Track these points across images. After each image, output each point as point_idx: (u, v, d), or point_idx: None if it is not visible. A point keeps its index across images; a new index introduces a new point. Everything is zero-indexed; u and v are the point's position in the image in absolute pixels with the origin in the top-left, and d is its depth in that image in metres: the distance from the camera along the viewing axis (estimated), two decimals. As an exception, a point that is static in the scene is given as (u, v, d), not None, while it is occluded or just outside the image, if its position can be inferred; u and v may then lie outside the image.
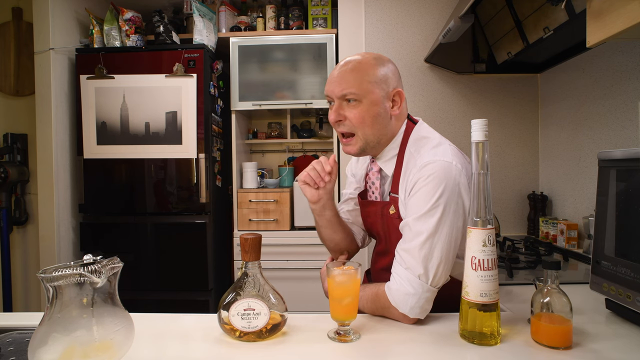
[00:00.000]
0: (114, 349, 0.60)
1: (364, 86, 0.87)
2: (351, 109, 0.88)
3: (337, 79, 0.89)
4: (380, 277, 0.95)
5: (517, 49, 1.73)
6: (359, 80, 0.87)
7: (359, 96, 0.87)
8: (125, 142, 2.10)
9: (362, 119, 0.88)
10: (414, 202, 0.82)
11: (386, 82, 0.89)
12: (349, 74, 0.88)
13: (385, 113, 0.90)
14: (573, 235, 1.64)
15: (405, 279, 0.80)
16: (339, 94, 0.88)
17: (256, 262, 0.78)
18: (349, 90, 0.87)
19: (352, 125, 0.89)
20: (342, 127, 0.91)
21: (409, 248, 0.80)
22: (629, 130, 1.44)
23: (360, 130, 0.89)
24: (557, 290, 0.70)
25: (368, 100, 0.87)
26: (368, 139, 0.90)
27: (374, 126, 0.89)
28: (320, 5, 2.35)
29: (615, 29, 0.89)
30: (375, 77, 0.88)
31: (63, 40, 2.17)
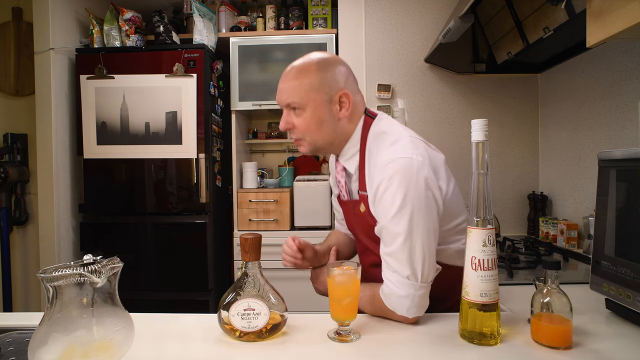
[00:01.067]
0: (114, 349, 0.60)
1: (304, 94, 0.87)
2: (297, 117, 0.90)
3: (281, 87, 0.90)
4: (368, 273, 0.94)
5: (517, 49, 1.73)
6: (298, 89, 0.87)
7: (301, 105, 0.88)
8: (125, 142, 2.10)
9: (307, 127, 0.89)
10: (382, 204, 0.81)
11: (329, 86, 0.88)
12: (291, 82, 0.88)
13: (332, 117, 0.89)
14: (573, 235, 1.64)
15: (397, 283, 0.80)
16: (284, 103, 0.90)
17: (256, 262, 0.78)
18: (292, 100, 0.88)
19: (300, 133, 0.91)
20: (292, 135, 0.93)
21: (391, 252, 0.80)
22: (629, 130, 1.44)
23: (307, 136, 0.90)
24: (557, 290, 0.70)
25: (311, 107, 0.88)
26: (317, 143, 0.92)
27: (321, 131, 0.90)
28: (320, 5, 2.35)
29: (615, 29, 0.89)
30: (316, 83, 0.87)
31: (63, 40, 2.17)
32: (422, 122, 2.15)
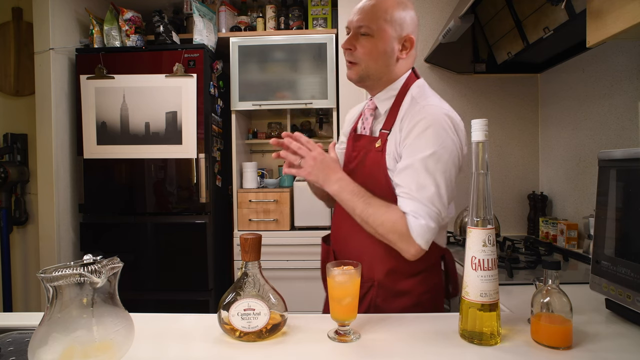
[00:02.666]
0: (114, 349, 0.60)
1: (379, 23, 0.92)
2: (362, 42, 0.94)
3: (358, 11, 0.95)
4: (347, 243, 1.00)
5: (517, 49, 1.73)
6: (375, 16, 0.93)
7: (372, 31, 0.93)
8: (125, 142, 2.10)
9: (369, 52, 0.94)
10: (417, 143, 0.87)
11: (401, 25, 0.94)
12: (369, 8, 0.94)
13: (392, 53, 0.95)
14: (573, 235, 1.64)
15: (423, 219, 0.85)
16: (355, 25, 0.95)
17: (256, 262, 0.78)
18: (365, 23, 0.93)
19: (359, 57, 0.95)
20: (349, 57, 0.97)
21: (424, 190, 0.85)
22: (629, 130, 1.44)
23: (365, 61, 0.95)
24: (557, 290, 0.70)
25: (379, 37, 0.93)
26: (369, 71, 0.96)
27: (378, 61, 0.95)
28: (320, 5, 2.35)
29: (615, 29, 0.89)
30: (392, 18, 0.93)
31: (63, 40, 2.17)
32: (422, 122, 2.15)
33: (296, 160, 0.94)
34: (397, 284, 0.96)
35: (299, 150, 0.93)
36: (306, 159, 0.92)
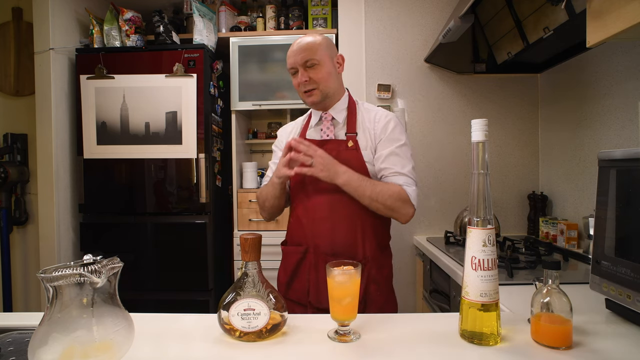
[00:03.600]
0: (114, 349, 0.60)
1: (320, 52, 1.15)
2: (313, 71, 1.15)
3: (297, 51, 1.16)
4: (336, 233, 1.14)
5: (517, 49, 1.73)
6: (315, 50, 1.15)
7: (318, 60, 1.15)
8: (125, 142, 2.10)
9: (322, 77, 1.15)
10: (393, 136, 1.15)
11: (331, 48, 1.20)
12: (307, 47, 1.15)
13: (335, 71, 1.20)
14: (573, 235, 1.64)
15: (413, 186, 1.13)
16: (301, 62, 1.15)
17: (256, 262, 0.78)
18: (310, 57, 1.14)
19: (316, 82, 1.15)
20: (308, 86, 1.16)
21: (406, 170, 1.14)
22: (629, 130, 1.44)
23: (321, 84, 1.16)
24: (557, 290, 0.70)
25: (324, 62, 1.16)
26: (327, 91, 1.17)
27: (330, 80, 1.17)
28: (320, 5, 2.35)
29: (615, 29, 0.89)
30: (325, 47, 1.17)
31: (63, 40, 2.17)
32: (422, 122, 2.15)
33: (307, 160, 1.07)
34: (381, 255, 1.19)
35: (308, 150, 1.07)
36: (316, 157, 1.07)
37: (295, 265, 1.19)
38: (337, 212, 1.14)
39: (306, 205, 1.18)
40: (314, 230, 1.16)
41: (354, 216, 1.14)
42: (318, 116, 1.24)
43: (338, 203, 1.13)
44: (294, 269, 1.19)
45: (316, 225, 1.16)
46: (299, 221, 1.20)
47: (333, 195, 1.13)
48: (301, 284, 1.18)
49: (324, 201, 1.15)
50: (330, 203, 1.14)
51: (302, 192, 1.20)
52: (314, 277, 1.15)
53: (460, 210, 2.00)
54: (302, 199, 1.20)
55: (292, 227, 1.24)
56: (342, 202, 1.13)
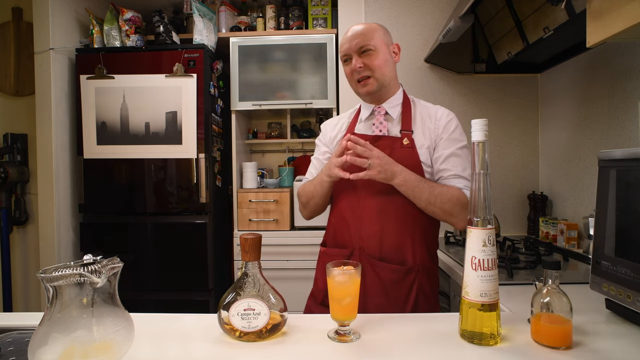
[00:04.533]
0: (114, 349, 0.60)
1: (377, 39, 1.10)
2: (369, 58, 1.09)
3: (352, 37, 1.10)
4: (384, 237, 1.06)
5: (517, 49, 1.73)
6: (371, 37, 1.09)
7: (374, 46, 1.09)
8: (125, 142, 2.10)
9: (378, 64, 1.09)
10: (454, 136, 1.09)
11: (388, 36, 1.15)
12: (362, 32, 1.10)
13: (392, 60, 1.14)
14: (573, 235, 1.64)
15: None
16: (356, 48, 1.09)
17: (256, 262, 0.78)
18: (366, 43, 1.08)
19: (372, 69, 1.09)
20: (363, 72, 1.10)
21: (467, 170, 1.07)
22: (629, 130, 1.44)
23: (377, 71, 1.10)
24: (557, 290, 0.70)
25: (381, 49, 1.10)
26: (382, 79, 1.11)
27: (386, 69, 1.11)
28: (320, 5, 2.35)
29: (615, 29, 0.89)
30: (381, 34, 1.12)
31: (63, 40, 2.17)
32: (422, 122, 2.15)
33: (364, 162, 1.00)
34: (431, 263, 1.11)
35: (365, 152, 1.00)
36: (373, 159, 1.00)
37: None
38: (387, 214, 1.06)
39: (353, 204, 1.10)
40: (361, 231, 1.08)
41: (405, 219, 1.07)
42: (369, 110, 1.16)
43: (389, 204, 1.06)
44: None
45: (364, 226, 1.08)
46: (344, 221, 1.11)
47: (384, 196, 1.06)
48: None
49: (374, 201, 1.07)
50: (380, 204, 1.07)
51: (349, 189, 1.12)
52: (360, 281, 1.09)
53: (460, 210, 2.00)
54: (348, 198, 1.12)
55: (335, 227, 1.15)
56: (393, 203, 1.06)
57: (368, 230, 1.07)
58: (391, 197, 1.05)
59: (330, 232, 1.17)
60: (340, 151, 1.03)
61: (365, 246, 1.07)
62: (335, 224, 1.15)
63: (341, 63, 1.16)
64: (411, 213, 1.07)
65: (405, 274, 1.05)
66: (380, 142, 1.10)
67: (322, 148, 1.26)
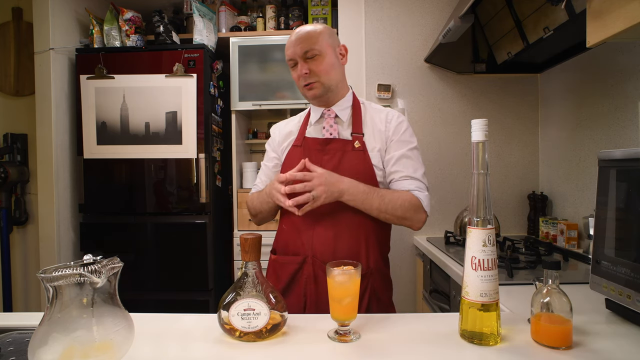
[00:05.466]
0: (114, 349, 0.60)
1: (322, 42, 1.07)
2: (314, 63, 1.07)
3: (296, 42, 1.07)
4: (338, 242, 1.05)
5: (517, 49, 1.73)
6: (316, 40, 1.07)
7: (319, 51, 1.07)
8: (125, 142, 2.10)
9: (323, 68, 1.08)
10: (404, 138, 1.11)
11: (334, 38, 1.12)
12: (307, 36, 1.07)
13: (338, 63, 1.12)
14: (573, 235, 1.64)
15: (425, 192, 1.09)
16: (301, 53, 1.07)
17: (256, 262, 0.78)
18: (310, 47, 1.06)
19: (317, 74, 1.07)
20: (308, 79, 1.08)
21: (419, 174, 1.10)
22: (629, 130, 1.44)
23: (322, 77, 1.08)
24: (557, 290, 0.70)
25: (326, 53, 1.08)
26: (329, 83, 1.09)
27: (332, 73, 1.09)
28: (320, 5, 2.35)
29: (615, 29, 0.89)
30: (326, 37, 1.09)
31: (63, 40, 2.17)
32: (422, 122, 2.15)
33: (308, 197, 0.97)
34: (384, 267, 1.13)
35: (306, 187, 0.98)
36: (315, 189, 0.97)
37: (290, 277, 1.08)
38: (340, 220, 1.06)
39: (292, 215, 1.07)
40: (314, 238, 1.06)
41: (358, 224, 1.06)
42: (319, 113, 1.15)
43: (342, 210, 1.05)
44: (289, 280, 1.08)
45: (317, 233, 1.06)
46: (296, 228, 1.09)
47: (337, 203, 1.04)
48: (297, 298, 1.07)
49: (327, 207, 1.04)
50: (333, 210, 1.05)
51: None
52: (312, 289, 1.05)
53: (460, 210, 2.00)
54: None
55: (287, 234, 1.13)
56: (345, 209, 1.05)
57: (321, 236, 1.06)
58: (344, 204, 1.04)
59: (282, 239, 1.15)
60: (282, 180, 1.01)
61: (319, 253, 1.06)
62: (286, 231, 1.13)
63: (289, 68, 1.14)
64: (364, 219, 1.06)
65: None
66: (331, 145, 1.10)
67: (270, 154, 1.23)
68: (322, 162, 1.08)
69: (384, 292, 1.11)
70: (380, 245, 1.11)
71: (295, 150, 1.14)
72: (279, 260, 1.13)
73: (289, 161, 1.14)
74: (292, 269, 1.08)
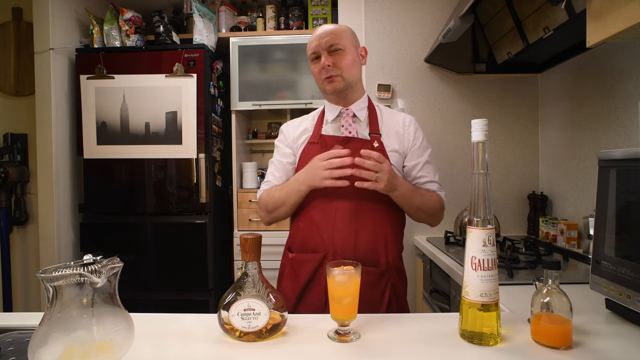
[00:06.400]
0: (114, 349, 0.60)
1: (346, 38, 1.11)
2: (338, 57, 1.10)
3: (322, 35, 1.10)
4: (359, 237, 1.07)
5: (517, 49, 1.73)
6: (341, 36, 1.11)
7: (343, 46, 1.10)
8: (125, 142, 2.10)
9: (346, 63, 1.10)
10: (424, 144, 1.18)
11: (356, 38, 1.17)
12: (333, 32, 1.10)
13: (359, 61, 1.16)
14: (573, 235, 1.64)
15: (443, 191, 1.18)
16: (326, 46, 1.09)
17: (256, 262, 0.78)
18: (336, 41, 1.09)
19: (340, 68, 1.10)
20: (331, 72, 1.09)
21: (436, 174, 1.18)
22: (629, 130, 1.44)
23: (345, 71, 1.10)
24: (557, 290, 0.70)
25: (349, 49, 1.11)
26: (350, 79, 1.12)
27: (352, 69, 1.12)
28: (320, 5, 2.35)
29: (615, 29, 0.89)
30: (350, 35, 1.14)
31: (63, 40, 2.17)
32: (422, 122, 2.15)
33: (372, 175, 0.98)
34: (400, 263, 1.15)
35: (375, 167, 0.98)
36: (383, 173, 0.99)
37: (310, 275, 1.08)
38: (361, 217, 1.07)
39: (324, 208, 1.08)
40: (334, 235, 1.06)
41: (378, 221, 1.08)
42: (336, 111, 1.16)
43: (362, 208, 1.06)
44: (309, 278, 1.08)
45: (337, 229, 1.06)
46: (315, 226, 1.09)
47: (356, 198, 1.06)
48: (317, 296, 1.06)
49: (348, 205, 1.06)
50: (353, 206, 1.06)
51: (318, 193, 1.08)
52: None
53: (460, 210, 2.00)
54: (318, 201, 1.09)
55: (305, 232, 1.12)
56: (366, 207, 1.06)
57: (342, 233, 1.06)
58: (363, 199, 1.06)
59: (299, 237, 1.14)
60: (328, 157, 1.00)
61: (339, 250, 1.06)
62: (304, 229, 1.12)
63: (310, 63, 1.15)
64: (383, 214, 1.09)
65: (379, 275, 1.06)
66: (350, 143, 1.10)
67: (284, 150, 1.21)
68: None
69: (402, 287, 1.14)
70: (398, 241, 1.14)
71: (312, 147, 1.14)
72: (298, 258, 1.12)
73: (305, 157, 1.13)
74: (313, 267, 1.08)
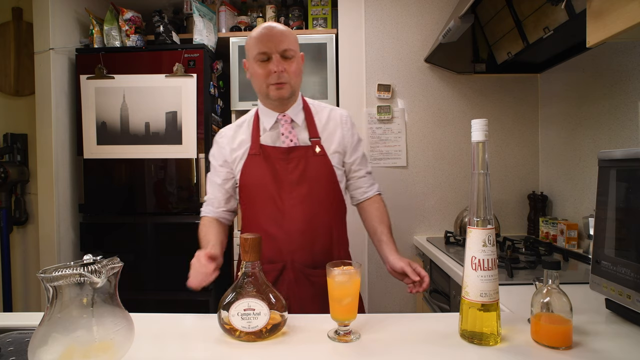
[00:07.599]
0: (114, 349, 0.60)
1: (296, 46, 1.08)
2: (289, 63, 1.05)
3: (275, 36, 1.03)
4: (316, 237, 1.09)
5: (517, 49, 1.73)
6: (293, 41, 1.07)
7: (294, 53, 1.07)
8: (125, 142, 2.10)
9: (294, 71, 1.07)
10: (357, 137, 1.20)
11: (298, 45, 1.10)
12: (286, 34, 1.05)
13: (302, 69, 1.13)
14: (573, 235, 1.64)
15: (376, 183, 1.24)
16: (280, 49, 1.03)
17: (256, 262, 0.78)
18: (289, 46, 1.04)
19: (289, 77, 1.06)
20: (281, 78, 1.04)
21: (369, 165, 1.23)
22: (629, 130, 1.44)
23: (292, 80, 1.07)
24: (557, 290, 0.70)
25: (298, 57, 1.09)
26: (295, 88, 1.10)
27: (298, 78, 1.10)
28: (320, 5, 2.35)
29: (615, 29, 0.89)
30: (297, 41, 1.09)
31: (63, 40, 2.17)
32: (422, 122, 2.15)
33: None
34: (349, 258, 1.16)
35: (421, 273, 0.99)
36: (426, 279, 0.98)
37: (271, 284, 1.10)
38: (315, 223, 1.08)
39: (276, 217, 1.08)
40: (291, 244, 1.06)
41: (329, 225, 1.11)
42: (273, 118, 1.12)
43: (315, 215, 1.08)
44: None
45: (294, 238, 1.06)
46: (270, 236, 1.07)
47: (309, 207, 1.07)
48: None
49: (301, 214, 1.07)
50: (306, 213, 1.07)
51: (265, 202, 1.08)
52: (295, 293, 1.06)
53: (460, 210, 2.00)
54: (267, 211, 1.08)
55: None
56: (319, 213, 1.08)
57: (299, 241, 1.07)
58: (314, 205, 1.08)
59: None
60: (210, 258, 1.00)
61: (297, 257, 1.07)
62: None
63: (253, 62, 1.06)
64: (333, 219, 1.12)
65: None
66: (293, 153, 1.09)
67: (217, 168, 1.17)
68: (288, 170, 1.09)
69: None
70: (344, 239, 1.19)
71: (254, 159, 1.11)
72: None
73: (249, 170, 1.11)
74: (272, 277, 1.07)
